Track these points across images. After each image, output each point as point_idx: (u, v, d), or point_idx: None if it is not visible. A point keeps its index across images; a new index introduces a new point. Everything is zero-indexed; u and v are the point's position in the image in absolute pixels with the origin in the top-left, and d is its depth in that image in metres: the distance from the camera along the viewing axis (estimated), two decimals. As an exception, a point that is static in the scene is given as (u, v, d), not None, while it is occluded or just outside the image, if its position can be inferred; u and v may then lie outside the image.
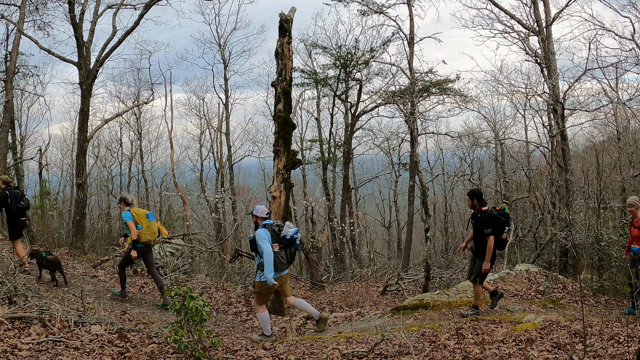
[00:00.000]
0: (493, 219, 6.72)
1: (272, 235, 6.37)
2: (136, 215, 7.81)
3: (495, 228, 6.72)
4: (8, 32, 18.03)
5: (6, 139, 14.97)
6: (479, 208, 6.85)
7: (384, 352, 5.06)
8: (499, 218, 6.77)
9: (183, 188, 20.96)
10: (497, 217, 6.78)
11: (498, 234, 6.74)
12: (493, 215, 6.75)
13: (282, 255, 6.42)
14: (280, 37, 9.24)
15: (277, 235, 6.41)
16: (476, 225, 6.87)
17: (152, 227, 7.95)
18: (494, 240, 6.70)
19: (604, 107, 18.00)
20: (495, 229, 6.71)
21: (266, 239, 6.29)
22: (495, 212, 6.83)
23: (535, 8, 14.97)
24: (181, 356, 4.96)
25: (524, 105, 22.49)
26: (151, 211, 8.10)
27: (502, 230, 6.77)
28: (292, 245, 6.53)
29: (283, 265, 6.46)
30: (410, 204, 20.24)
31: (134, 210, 7.86)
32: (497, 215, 6.79)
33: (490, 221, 6.68)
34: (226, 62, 25.58)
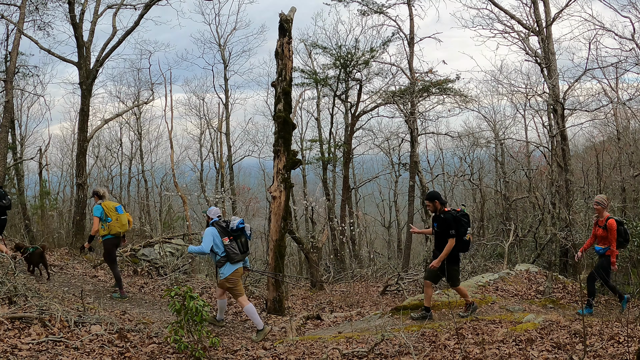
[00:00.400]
0: (456, 220, 6.70)
1: (220, 231, 6.67)
2: (106, 208, 8.17)
3: (458, 229, 6.71)
4: (8, 32, 18.03)
5: (6, 139, 14.96)
6: (441, 209, 6.82)
7: (384, 352, 5.06)
8: (461, 219, 6.77)
9: (183, 188, 20.94)
10: (459, 219, 6.76)
11: (461, 236, 6.74)
12: (455, 217, 6.73)
13: (234, 246, 6.68)
14: (280, 37, 9.24)
15: (224, 230, 6.69)
16: (439, 227, 6.82)
17: (122, 219, 8.28)
18: (458, 241, 6.71)
19: (604, 107, 18.00)
20: (458, 230, 6.69)
21: (210, 236, 6.64)
22: (456, 213, 6.80)
23: (535, 8, 14.96)
24: (181, 356, 4.96)
25: (524, 105, 22.48)
26: (120, 204, 8.54)
27: (465, 231, 6.77)
28: (241, 235, 6.82)
29: (237, 255, 6.70)
30: (410, 204, 20.24)
31: (105, 204, 8.20)
32: (459, 217, 6.78)
33: (452, 223, 6.65)
34: (226, 62, 25.59)
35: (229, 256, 6.63)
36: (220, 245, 6.64)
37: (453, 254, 6.76)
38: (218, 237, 6.65)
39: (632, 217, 13.69)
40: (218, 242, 6.66)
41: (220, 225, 6.74)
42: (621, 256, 10.11)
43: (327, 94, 23.59)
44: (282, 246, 9.28)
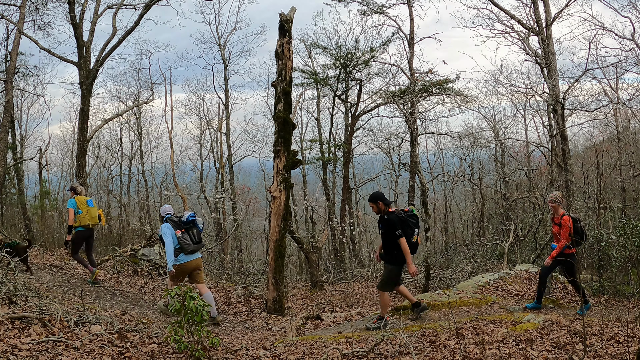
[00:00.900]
0: (401, 221, 6.48)
1: (173, 225, 7.15)
2: (79, 201, 8.85)
3: (405, 230, 6.47)
4: (8, 32, 18.04)
5: (6, 139, 14.96)
6: (385, 209, 6.59)
7: (384, 352, 5.06)
8: (408, 220, 6.55)
9: (183, 188, 20.94)
10: (405, 219, 6.54)
11: (408, 237, 6.47)
12: (401, 217, 6.51)
13: (186, 238, 7.15)
14: (280, 37, 9.24)
15: (177, 223, 7.18)
16: (384, 228, 6.60)
17: (92, 212, 8.91)
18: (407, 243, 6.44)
19: (604, 107, 18.01)
20: (404, 231, 6.46)
21: (167, 231, 7.09)
22: (404, 214, 6.60)
23: (535, 8, 14.95)
24: (181, 356, 4.96)
25: (524, 105, 22.52)
26: (91, 199, 9.17)
27: (412, 232, 6.53)
28: (193, 227, 7.28)
29: (189, 246, 7.14)
30: (410, 204, 20.23)
31: (78, 198, 8.88)
32: (406, 217, 6.56)
33: (397, 223, 6.43)
34: (226, 62, 25.61)
35: (182, 247, 7.10)
36: (175, 238, 7.10)
37: (401, 254, 6.49)
38: (173, 232, 7.11)
39: (632, 217, 13.69)
40: (174, 236, 7.11)
41: (173, 220, 7.21)
42: (621, 256, 10.12)
43: (327, 94, 23.59)
44: (282, 246, 9.28)
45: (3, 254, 8.24)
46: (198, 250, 7.35)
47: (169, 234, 7.06)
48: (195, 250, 7.27)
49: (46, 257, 11.17)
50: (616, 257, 10.13)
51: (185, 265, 7.19)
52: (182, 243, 7.09)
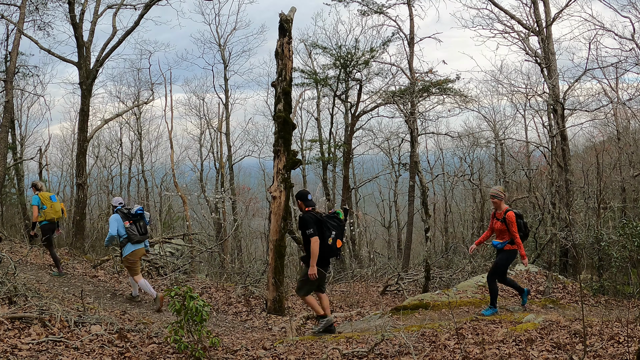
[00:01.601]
0: (318, 221, 6.29)
1: (122, 216, 7.80)
2: (42, 197, 9.27)
3: (322, 231, 6.28)
4: (8, 32, 18.04)
5: (6, 139, 14.95)
6: (304, 209, 6.45)
7: (384, 352, 5.06)
8: (327, 221, 6.35)
9: (183, 188, 20.96)
10: (323, 220, 6.34)
11: (325, 238, 6.29)
12: (318, 218, 6.31)
13: (134, 229, 7.81)
14: (280, 37, 9.24)
15: (126, 215, 7.82)
16: (299, 227, 6.45)
17: (55, 206, 9.39)
18: (321, 245, 6.24)
19: (604, 107, 18.01)
20: (321, 231, 6.26)
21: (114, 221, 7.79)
22: (326, 215, 6.43)
23: (535, 8, 14.96)
24: (181, 356, 4.96)
25: (524, 105, 22.52)
26: (54, 194, 9.70)
27: (329, 234, 6.31)
28: (140, 219, 7.94)
29: (136, 236, 7.82)
30: (410, 204, 20.24)
31: (41, 194, 9.30)
32: (325, 219, 6.37)
33: (310, 222, 6.22)
34: (226, 62, 25.60)
35: (129, 237, 7.78)
36: (122, 228, 7.76)
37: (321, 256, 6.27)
38: (120, 222, 7.77)
39: (632, 217, 13.68)
40: (121, 226, 7.77)
41: (122, 211, 7.85)
42: (621, 256, 10.11)
43: (327, 94, 23.61)
44: (282, 246, 9.28)
45: None
46: (143, 241, 8.02)
47: (114, 225, 7.76)
48: (141, 241, 7.94)
49: (46, 257, 11.17)
50: (616, 257, 10.12)
51: (135, 253, 7.89)
52: (129, 233, 7.76)
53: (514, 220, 7.00)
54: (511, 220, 7.01)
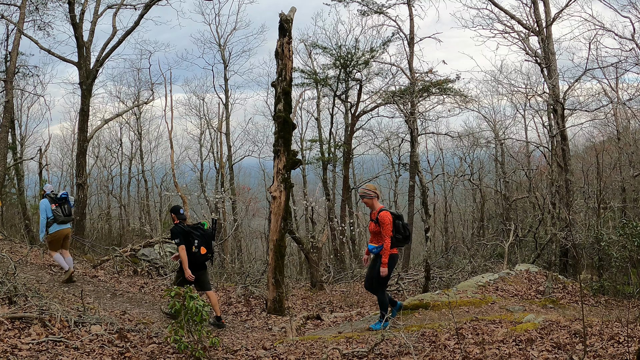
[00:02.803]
0: (184, 232, 7.14)
1: (50, 200, 8.75)
2: None
3: (187, 240, 7.13)
4: (8, 32, 18.03)
5: (6, 139, 14.96)
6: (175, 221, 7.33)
7: (384, 352, 5.06)
8: (192, 232, 7.20)
9: (183, 188, 20.94)
10: (189, 231, 7.20)
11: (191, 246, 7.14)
12: (183, 230, 7.16)
13: (59, 211, 8.76)
14: (280, 37, 9.24)
15: (53, 199, 8.77)
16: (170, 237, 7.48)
17: None
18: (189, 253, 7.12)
19: (604, 107, 18.02)
20: (187, 241, 7.12)
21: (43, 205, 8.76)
22: (190, 226, 7.31)
23: (535, 8, 14.96)
24: (181, 356, 4.96)
25: (524, 105, 22.51)
26: None
27: (192, 243, 7.16)
28: (65, 203, 8.85)
29: (60, 217, 8.77)
30: (410, 204, 20.23)
31: None
32: (190, 229, 7.22)
33: (177, 233, 7.14)
34: (226, 62, 25.60)
35: (55, 217, 8.74)
36: (49, 210, 8.74)
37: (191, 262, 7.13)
38: (48, 205, 8.73)
39: (632, 217, 13.69)
40: (48, 209, 8.73)
41: (50, 196, 8.81)
42: (621, 256, 10.10)
43: (327, 94, 23.58)
44: (282, 246, 9.28)
45: None
46: (68, 222, 9.01)
47: (44, 210, 8.76)
48: (66, 222, 8.92)
49: (46, 257, 11.17)
50: (616, 257, 10.13)
51: (59, 232, 8.83)
52: (55, 214, 8.75)
53: (387, 221, 6.38)
54: (384, 221, 6.39)
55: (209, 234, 7.36)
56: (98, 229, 20.34)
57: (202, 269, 7.32)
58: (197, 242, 7.18)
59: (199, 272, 7.25)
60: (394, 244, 6.44)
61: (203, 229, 7.33)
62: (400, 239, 6.48)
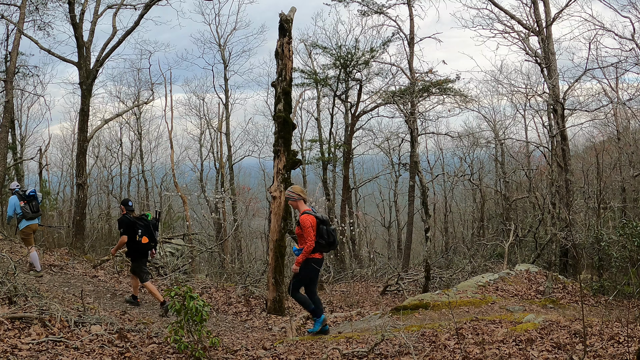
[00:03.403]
0: (129, 223, 7.83)
1: (18, 197, 9.03)
2: None
3: (132, 230, 7.80)
4: (8, 32, 18.04)
5: (6, 139, 14.96)
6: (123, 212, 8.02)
7: (384, 352, 5.06)
8: (136, 222, 7.86)
9: (183, 188, 20.94)
10: (134, 222, 7.86)
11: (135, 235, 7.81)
12: (129, 220, 7.84)
13: (27, 208, 9.06)
14: (280, 37, 9.24)
15: (21, 196, 9.06)
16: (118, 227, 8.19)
17: None
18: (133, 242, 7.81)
19: (604, 107, 18.02)
20: (131, 230, 7.80)
21: (12, 202, 9.11)
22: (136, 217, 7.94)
23: (535, 8, 14.96)
24: (181, 356, 4.96)
25: (524, 105, 22.49)
26: None
27: (136, 233, 7.80)
28: (33, 200, 9.14)
29: (29, 214, 9.06)
30: (410, 204, 20.24)
31: None
32: (135, 220, 7.88)
33: (122, 223, 7.90)
34: (226, 62, 25.60)
35: (24, 214, 9.02)
36: (18, 207, 9.01)
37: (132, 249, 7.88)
38: (17, 202, 9.00)
39: (632, 217, 13.69)
40: (17, 206, 9.00)
41: (19, 193, 9.09)
42: (621, 256, 10.10)
43: (327, 94, 23.58)
44: (282, 246, 9.28)
45: None
46: (36, 218, 9.26)
47: (12, 205, 9.09)
48: (34, 217, 9.18)
49: (46, 257, 11.17)
50: (616, 257, 10.13)
51: (28, 227, 9.13)
52: (24, 211, 9.01)
53: (307, 225, 6.16)
54: (304, 224, 6.19)
55: (152, 224, 8.00)
56: (98, 229, 20.31)
57: (143, 257, 8.01)
58: (140, 231, 7.84)
59: (140, 259, 7.99)
60: (317, 248, 6.26)
61: (147, 220, 7.97)
62: (323, 244, 6.27)
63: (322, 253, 6.38)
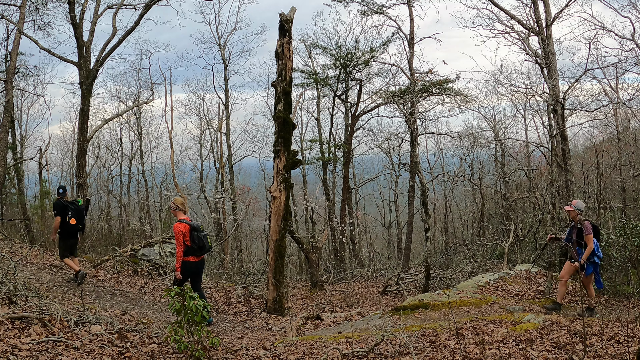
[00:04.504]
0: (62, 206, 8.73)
1: None
2: None
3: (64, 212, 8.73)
4: (8, 32, 18.03)
5: (6, 139, 14.95)
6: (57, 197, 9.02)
7: (384, 352, 5.06)
8: (68, 206, 8.81)
9: (183, 188, 20.94)
10: (66, 205, 8.81)
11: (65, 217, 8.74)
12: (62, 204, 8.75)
13: None
14: (281, 37, 9.24)
15: None
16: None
17: None
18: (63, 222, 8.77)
19: (604, 107, 17.99)
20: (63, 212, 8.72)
21: None
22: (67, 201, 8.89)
23: (535, 8, 14.95)
24: (181, 356, 4.96)
25: (524, 105, 22.48)
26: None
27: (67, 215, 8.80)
28: None
29: None
30: (410, 204, 20.23)
31: None
32: (67, 204, 8.82)
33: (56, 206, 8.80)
34: (226, 62, 25.58)
35: None
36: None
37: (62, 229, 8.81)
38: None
39: (632, 217, 13.68)
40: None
41: None
42: (621, 256, 10.10)
43: (327, 94, 23.57)
44: (282, 246, 9.28)
45: None
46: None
47: None
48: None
49: (46, 257, 11.17)
50: (616, 257, 10.12)
51: None
52: None
53: (177, 232, 6.99)
54: (175, 231, 7.03)
55: (81, 209, 9.05)
56: (98, 229, 20.33)
57: (71, 237, 8.98)
58: (70, 214, 8.83)
59: (68, 239, 8.94)
60: (191, 252, 7.08)
61: (77, 205, 9.00)
62: (195, 248, 7.07)
63: (198, 256, 7.18)
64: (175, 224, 7.09)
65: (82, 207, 9.11)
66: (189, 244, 7.01)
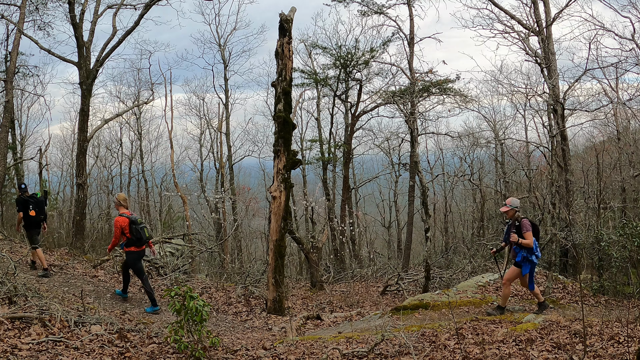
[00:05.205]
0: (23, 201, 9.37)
1: None
2: None
3: (26, 207, 9.31)
4: (8, 32, 18.04)
5: (6, 139, 14.95)
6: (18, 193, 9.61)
7: (384, 352, 5.06)
8: (29, 200, 9.42)
9: (183, 188, 20.95)
10: (26, 199, 9.39)
11: (28, 211, 9.30)
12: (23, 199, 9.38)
13: None
14: (281, 37, 9.24)
15: None
16: None
17: None
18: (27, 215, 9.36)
19: (604, 107, 17.98)
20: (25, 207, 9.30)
21: None
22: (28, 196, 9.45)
23: (535, 8, 14.95)
24: (181, 356, 4.96)
25: (524, 105, 22.48)
26: None
27: (29, 208, 9.37)
28: None
29: None
30: (410, 204, 20.22)
31: None
32: (27, 198, 9.42)
33: (18, 202, 9.46)
34: (226, 62, 25.58)
35: None
36: None
37: (27, 222, 9.43)
38: None
39: (632, 217, 13.68)
40: None
41: None
42: (621, 256, 10.10)
43: (327, 94, 23.56)
44: (282, 246, 9.28)
45: None
46: None
47: None
48: None
49: (46, 257, 11.16)
50: (616, 257, 10.11)
51: None
52: None
53: (116, 226, 7.88)
54: (114, 224, 7.92)
55: (40, 201, 9.66)
56: (98, 229, 20.31)
57: (35, 227, 9.60)
58: (31, 206, 9.42)
59: (33, 229, 9.57)
60: (132, 243, 7.97)
61: (37, 198, 9.63)
62: (134, 239, 7.95)
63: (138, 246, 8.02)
64: (116, 218, 7.96)
65: (41, 199, 9.77)
66: (129, 236, 7.89)
